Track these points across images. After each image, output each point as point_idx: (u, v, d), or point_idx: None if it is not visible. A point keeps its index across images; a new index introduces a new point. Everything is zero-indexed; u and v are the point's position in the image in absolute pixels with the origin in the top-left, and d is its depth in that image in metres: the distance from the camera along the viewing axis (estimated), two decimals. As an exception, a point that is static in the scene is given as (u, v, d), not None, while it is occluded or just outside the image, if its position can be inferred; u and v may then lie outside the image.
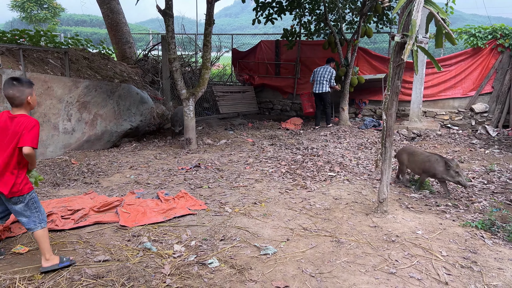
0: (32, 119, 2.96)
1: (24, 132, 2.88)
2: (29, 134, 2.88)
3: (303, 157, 6.77)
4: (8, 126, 2.93)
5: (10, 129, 2.92)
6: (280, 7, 10.30)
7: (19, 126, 2.90)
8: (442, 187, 4.98)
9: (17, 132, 2.89)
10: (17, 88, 2.95)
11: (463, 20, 56.88)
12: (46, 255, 3.00)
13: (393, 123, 4.08)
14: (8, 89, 2.95)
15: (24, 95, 2.98)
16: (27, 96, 3.00)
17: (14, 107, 3.00)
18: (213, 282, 2.92)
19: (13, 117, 2.95)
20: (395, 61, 3.91)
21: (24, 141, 2.87)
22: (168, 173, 5.80)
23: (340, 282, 2.95)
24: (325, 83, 9.64)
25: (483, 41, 9.72)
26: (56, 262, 3.02)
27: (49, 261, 3.00)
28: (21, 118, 2.94)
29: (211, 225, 3.94)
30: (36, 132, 2.94)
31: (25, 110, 3.03)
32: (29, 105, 3.04)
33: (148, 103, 8.22)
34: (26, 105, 3.02)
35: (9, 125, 2.93)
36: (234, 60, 13.33)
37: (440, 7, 3.66)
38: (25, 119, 2.94)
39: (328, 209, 4.43)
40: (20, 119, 2.93)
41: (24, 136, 2.87)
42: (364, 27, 9.94)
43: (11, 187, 2.90)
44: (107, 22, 12.14)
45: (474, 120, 9.85)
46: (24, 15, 29.34)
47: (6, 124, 2.94)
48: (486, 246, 3.54)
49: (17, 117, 2.94)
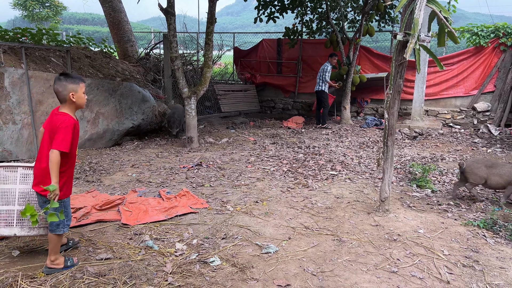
0: (66, 118, 2.84)
1: (56, 132, 2.81)
2: (57, 135, 2.79)
3: (305, 155, 6.77)
4: (47, 123, 2.89)
5: (48, 127, 2.89)
6: (282, 5, 10.28)
7: (54, 124, 2.84)
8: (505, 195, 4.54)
9: (52, 131, 2.84)
10: (60, 82, 2.86)
11: (466, 18, 56.72)
12: (52, 257, 2.96)
13: (395, 122, 4.08)
14: (54, 84, 2.90)
15: (66, 91, 2.86)
16: (69, 92, 2.87)
17: (60, 104, 2.93)
18: (214, 280, 2.92)
19: (54, 114, 2.90)
20: (397, 60, 3.90)
21: (54, 142, 2.81)
22: (170, 172, 5.81)
23: (341, 280, 2.95)
24: (319, 81, 9.65)
25: (486, 39, 9.69)
26: (61, 266, 2.98)
27: (53, 262, 2.96)
28: (59, 116, 2.86)
29: (213, 223, 3.95)
30: (65, 133, 2.79)
31: (69, 108, 2.91)
32: (73, 103, 2.90)
33: (150, 102, 8.22)
34: (69, 103, 2.90)
35: (47, 122, 2.89)
36: (235, 59, 13.32)
37: (442, 5, 3.65)
38: (61, 117, 2.85)
39: (329, 207, 4.43)
40: (58, 117, 2.86)
41: (55, 136, 2.80)
42: (366, 26, 9.92)
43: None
44: (109, 21, 12.14)
45: (476, 119, 9.83)
46: (26, 13, 29.37)
47: (49, 122, 2.90)
48: (488, 245, 3.53)
49: (57, 114, 2.88)
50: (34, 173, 2.95)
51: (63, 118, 2.85)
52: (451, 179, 5.51)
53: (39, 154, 2.93)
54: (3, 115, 5.95)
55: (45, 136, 2.91)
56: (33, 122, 6.24)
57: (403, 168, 6.07)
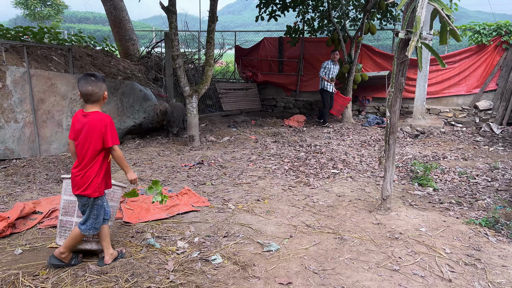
0: (105, 116, 2.89)
1: (104, 131, 2.84)
2: (107, 133, 2.85)
3: (306, 154, 6.76)
4: (83, 126, 2.87)
5: (84, 129, 2.86)
6: (283, 4, 10.27)
7: (94, 124, 2.84)
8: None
9: (91, 132, 2.84)
10: (95, 83, 2.85)
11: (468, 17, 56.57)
12: (110, 250, 3.08)
13: (397, 120, 4.07)
14: (87, 85, 2.84)
15: (102, 91, 2.90)
16: (104, 91, 2.92)
17: (89, 104, 2.91)
18: (216, 278, 2.92)
19: (86, 114, 2.89)
20: (399, 58, 3.89)
21: (106, 141, 2.86)
22: (172, 170, 5.81)
23: (343, 279, 2.95)
24: (320, 79, 9.68)
25: (488, 38, 9.66)
26: (115, 255, 3.12)
27: (112, 255, 3.08)
28: (96, 115, 2.88)
29: (214, 221, 3.95)
30: (112, 129, 2.89)
31: (99, 107, 2.94)
32: (103, 100, 2.96)
33: (152, 100, 8.23)
34: (101, 102, 2.94)
35: (83, 124, 2.87)
36: (237, 57, 13.30)
37: (444, 3, 3.64)
38: (99, 116, 2.88)
39: (331, 206, 4.43)
40: (95, 116, 2.87)
41: (105, 136, 2.85)
42: (367, 24, 9.90)
43: (84, 188, 2.90)
44: (111, 19, 12.14)
45: (478, 117, 9.81)
46: (28, 12, 29.42)
47: (81, 124, 2.88)
48: (490, 243, 3.53)
49: (90, 114, 2.88)
50: (77, 178, 2.92)
51: (102, 116, 2.88)
52: (452, 177, 5.51)
53: (82, 160, 2.90)
54: (5, 114, 5.96)
55: (85, 140, 2.87)
56: (35, 121, 6.24)
57: (404, 166, 6.06)
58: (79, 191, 2.91)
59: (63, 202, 3.21)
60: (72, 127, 2.98)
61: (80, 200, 2.97)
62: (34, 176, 5.38)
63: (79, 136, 2.89)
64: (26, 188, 4.94)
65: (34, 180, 5.23)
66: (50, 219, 3.91)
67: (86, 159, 2.89)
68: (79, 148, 2.91)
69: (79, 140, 2.89)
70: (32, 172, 5.50)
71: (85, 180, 2.89)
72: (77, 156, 2.95)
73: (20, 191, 4.82)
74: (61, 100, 6.58)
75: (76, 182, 2.92)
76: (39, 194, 4.72)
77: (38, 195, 4.70)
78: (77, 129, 2.91)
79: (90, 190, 2.91)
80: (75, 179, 2.92)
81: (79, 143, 2.90)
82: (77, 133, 2.91)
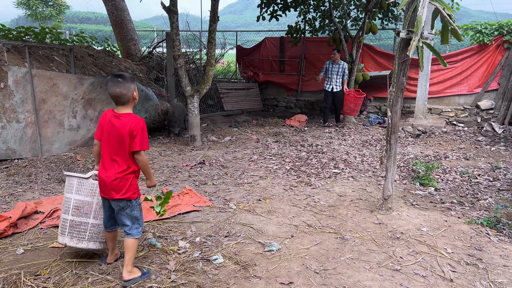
0: (139, 119, 2.81)
1: (135, 134, 2.76)
2: (138, 136, 2.77)
3: (308, 154, 6.76)
4: (114, 127, 2.78)
5: (116, 130, 2.78)
6: (284, 3, 10.26)
7: (126, 126, 2.76)
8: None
9: (123, 134, 2.76)
10: (123, 85, 2.78)
11: (469, 16, 56.44)
12: (130, 267, 2.86)
13: (398, 120, 4.07)
14: (115, 87, 2.77)
15: (131, 92, 2.82)
16: (133, 92, 2.84)
17: (119, 105, 2.83)
18: (217, 278, 2.93)
19: (118, 116, 2.80)
20: (400, 58, 3.89)
21: (135, 144, 2.77)
22: (173, 170, 5.82)
23: (344, 278, 2.95)
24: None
25: (489, 37, 9.64)
26: (138, 274, 2.89)
27: (131, 273, 2.86)
28: (130, 117, 2.80)
29: (216, 221, 3.95)
30: (143, 133, 2.79)
31: (130, 108, 2.86)
32: (133, 101, 2.88)
33: (153, 100, 8.23)
34: (131, 102, 2.86)
35: (115, 126, 2.78)
36: (238, 57, 13.30)
37: (446, 3, 3.63)
38: (133, 118, 2.80)
39: (332, 206, 4.43)
40: (129, 118, 2.79)
41: (135, 139, 2.77)
42: (369, 24, 9.88)
43: (124, 191, 2.83)
44: (112, 20, 12.16)
45: (480, 117, 9.79)
46: (30, 12, 29.46)
47: (112, 125, 2.79)
48: (492, 243, 3.52)
49: (123, 116, 2.80)
50: (115, 182, 2.81)
51: (137, 119, 2.81)
52: (454, 177, 5.50)
53: (115, 162, 2.82)
54: (7, 114, 5.97)
55: (119, 142, 2.79)
56: (37, 121, 6.26)
57: (406, 166, 6.05)
58: (119, 195, 2.81)
59: (75, 202, 3.06)
60: (99, 127, 2.88)
61: (118, 203, 2.85)
62: (36, 176, 5.39)
63: (110, 138, 2.80)
64: (28, 188, 4.95)
65: (36, 180, 5.24)
66: (52, 219, 3.92)
67: (123, 162, 2.80)
68: (112, 150, 2.81)
69: (111, 142, 2.80)
70: (34, 172, 5.51)
71: (124, 183, 2.81)
72: (103, 158, 2.84)
73: (22, 191, 4.83)
74: (62, 100, 6.59)
75: (114, 186, 2.80)
76: (41, 194, 4.74)
77: (40, 195, 4.71)
78: (108, 130, 2.81)
79: (130, 192, 2.84)
80: (113, 183, 2.79)
81: (111, 145, 2.80)
82: (108, 134, 2.81)
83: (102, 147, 2.86)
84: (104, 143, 2.84)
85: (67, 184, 3.13)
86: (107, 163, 2.83)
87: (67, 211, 3.07)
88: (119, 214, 2.89)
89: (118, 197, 2.81)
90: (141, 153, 2.82)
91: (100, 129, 2.87)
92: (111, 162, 2.81)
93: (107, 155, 2.83)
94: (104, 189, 2.85)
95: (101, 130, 2.87)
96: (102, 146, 2.87)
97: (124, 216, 2.89)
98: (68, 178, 3.13)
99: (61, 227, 3.11)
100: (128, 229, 2.89)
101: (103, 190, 2.87)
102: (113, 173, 2.80)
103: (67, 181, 3.13)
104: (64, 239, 3.07)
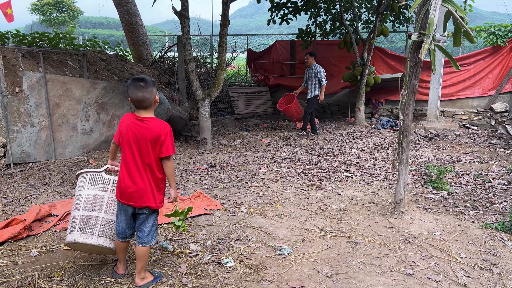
0: (165, 124, 2.78)
1: (163, 139, 2.73)
2: (166, 141, 2.74)
3: (319, 157, 6.74)
4: (140, 132, 2.72)
5: (143, 136, 2.72)
6: (295, 7, 10.27)
7: (154, 131, 2.72)
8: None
9: (151, 139, 2.72)
10: (146, 89, 2.71)
11: (483, 18, 55.78)
12: (142, 273, 2.85)
13: (410, 123, 4.04)
14: (138, 91, 2.70)
15: (153, 96, 2.76)
16: (155, 96, 2.78)
17: (141, 110, 2.76)
18: (228, 281, 2.93)
19: (143, 120, 2.74)
20: (412, 60, 3.86)
21: (166, 149, 2.74)
22: (184, 173, 5.85)
23: (356, 283, 2.93)
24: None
25: (503, 39, 9.51)
26: (150, 278, 2.88)
27: (144, 279, 2.85)
28: (155, 122, 2.75)
29: (227, 224, 3.96)
30: (171, 138, 2.77)
31: (152, 112, 2.81)
32: (155, 105, 2.82)
33: (165, 104, 8.30)
34: (153, 106, 2.81)
35: (142, 131, 2.72)
36: (249, 61, 13.34)
37: (458, 5, 3.60)
38: (159, 123, 2.76)
39: (344, 209, 4.40)
40: (155, 122, 2.75)
41: (164, 144, 2.74)
42: (380, 26, 9.84)
43: (157, 198, 2.80)
44: (124, 24, 12.29)
45: (494, 119, 9.65)
46: (44, 18, 29.98)
47: (138, 130, 2.73)
48: (506, 248, 3.47)
49: (148, 120, 2.75)
50: (142, 190, 2.74)
51: (162, 123, 2.77)
52: (468, 180, 5.42)
53: (141, 168, 2.74)
54: (22, 118, 6.07)
55: (145, 147, 2.73)
56: (51, 125, 6.35)
57: (418, 169, 5.99)
58: (150, 202, 2.75)
59: (86, 197, 2.97)
60: (119, 130, 2.80)
61: (147, 210, 2.79)
62: (49, 179, 5.47)
63: (137, 143, 2.72)
64: (42, 191, 5.02)
65: (49, 183, 5.31)
66: (65, 221, 3.96)
67: (154, 168, 2.76)
68: (140, 156, 2.73)
69: (141, 147, 2.72)
70: (47, 176, 5.59)
71: (158, 190, 2.78)
72: (128, 164, 2.75)
73: (36, 194, 4.90)
74: (75, 104, 6.68)
75: (140, 193, 2.73)
76: (55, 197, 4.80)
77: (53, 198, 4.77)
78: (132, 135, 2.72)
79: (158, 200, 2.80)
80: (139, 191, 2.72)
81: (140, 150, 2.72)
82: (133, 139, 2.73)
83: (126, 153, 2.77)
84: (127, 148, 2.75)
85: (78, 183, 3.07)
86: (134, 169, 2.74)
87: (77, 208, 2.96)
88: (144, 221, 2.81)
89: (149, 204, 2.75)
90: (170, 158, 2.79)
91: (119, 133, 2.80)
92: (140, 169, 2.74)
93: (132, 161, 2.74)
94: (130, 196, 2.74)
95: (120, 133, 2.79)
96: (125, 151, 2.77)
97: (149, 224, 2.83)
98: (80, 177, 3.07)
99: (70, 225, 2.96)
100: (145, 236, 2.81)
101: (129, 197, 2.74)
102: (145, 180, 2.74)
103: (79, 179, 3.07)
104: (73, 235, 2.89)
